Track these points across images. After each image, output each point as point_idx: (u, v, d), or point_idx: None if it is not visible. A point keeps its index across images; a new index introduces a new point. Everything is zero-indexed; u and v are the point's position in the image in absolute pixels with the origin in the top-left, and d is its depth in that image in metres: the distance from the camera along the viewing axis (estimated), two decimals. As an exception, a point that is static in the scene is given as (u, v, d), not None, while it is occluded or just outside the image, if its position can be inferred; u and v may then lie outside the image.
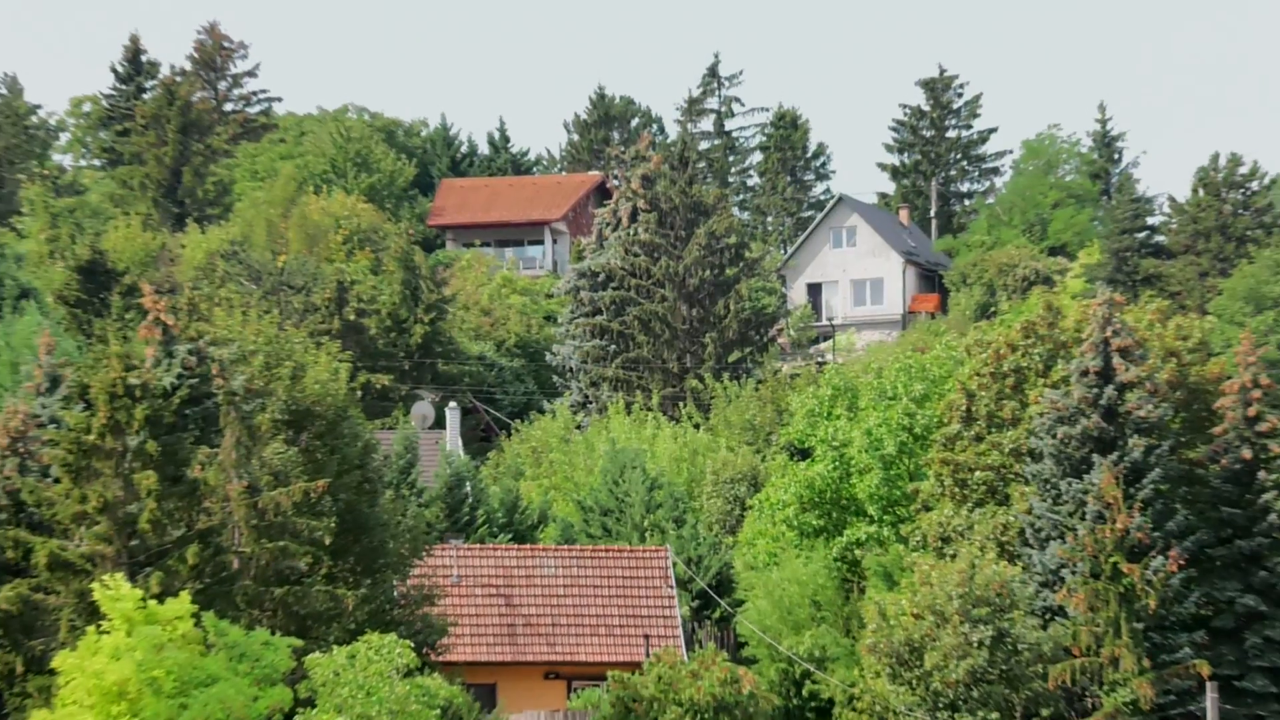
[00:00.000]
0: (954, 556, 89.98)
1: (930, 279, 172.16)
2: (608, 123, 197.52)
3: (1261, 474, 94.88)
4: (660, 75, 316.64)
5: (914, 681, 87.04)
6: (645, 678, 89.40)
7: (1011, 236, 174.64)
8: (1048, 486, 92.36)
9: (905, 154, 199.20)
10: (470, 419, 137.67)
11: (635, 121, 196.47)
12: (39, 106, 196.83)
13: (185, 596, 72.80)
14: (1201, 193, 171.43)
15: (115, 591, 72.11)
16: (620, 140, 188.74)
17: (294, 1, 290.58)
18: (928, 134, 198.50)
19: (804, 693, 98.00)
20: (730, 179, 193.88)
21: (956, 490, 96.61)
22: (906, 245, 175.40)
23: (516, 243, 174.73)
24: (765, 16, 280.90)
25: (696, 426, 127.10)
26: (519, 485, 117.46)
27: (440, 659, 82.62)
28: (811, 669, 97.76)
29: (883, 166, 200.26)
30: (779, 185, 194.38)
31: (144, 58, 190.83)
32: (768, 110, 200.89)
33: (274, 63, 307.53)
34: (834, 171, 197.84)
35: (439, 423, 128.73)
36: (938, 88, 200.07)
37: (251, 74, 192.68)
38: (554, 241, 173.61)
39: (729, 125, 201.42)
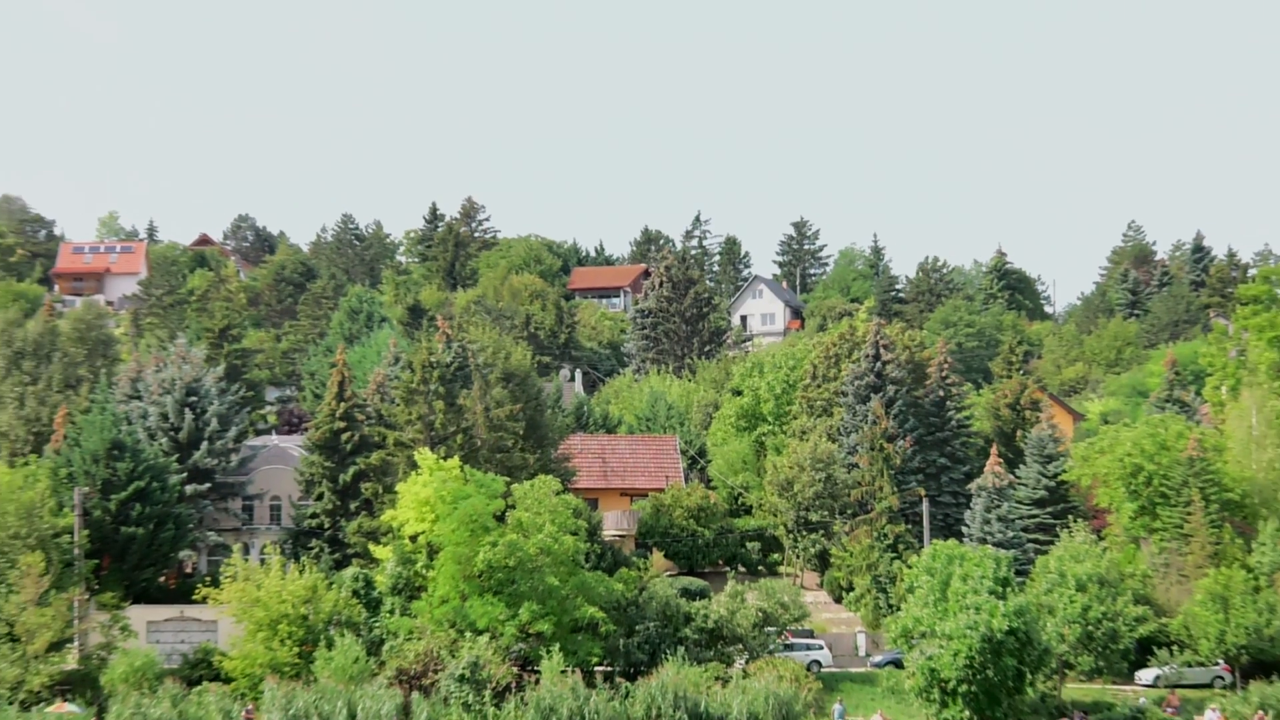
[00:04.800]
0: (807, 440, 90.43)
1: (798, 313, 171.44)
2: (649, 241, 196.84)
3: (949, 402, 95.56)
4: (674, 220, 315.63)
5: (789, 497, 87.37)
6: (666, 495, 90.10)
7: (833, 294, 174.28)
8: (851, 408, 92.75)
9: (785, 255, 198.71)
10: (587, 376, 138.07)
11: (662, 240, 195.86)
12: (389, 234, 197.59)
13: (456, 459, 73.55)
14: (921, 275, 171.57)
15: (424, 456, 72.89)
16: (655, 249, 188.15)
17: (502, 183, 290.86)
18: (795, 248, 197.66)
19: (739, 502, 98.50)
20: (705, 268, 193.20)
21: (809, 409, 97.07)
22: (786, 298, 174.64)
23: (607, 297, 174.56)
24: (725, 194, 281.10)
25: (690, 380, 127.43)
26: (609, 407, 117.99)
27: (571, 487, 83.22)
28: (742, 491, 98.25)
29: (775, 262, 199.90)
30: (726, 270, 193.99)
31: (438, 212, 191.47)
32: (722, 236, 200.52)
33: (496, 209, 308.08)
34: (753, 263, 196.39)
35: (573, 378, 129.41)
36: (801, 226, 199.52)
37: (487, 218, 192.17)
38: (625, 295, 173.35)
39: (705, 243, 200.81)
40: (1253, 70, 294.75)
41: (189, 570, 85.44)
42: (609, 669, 68.56)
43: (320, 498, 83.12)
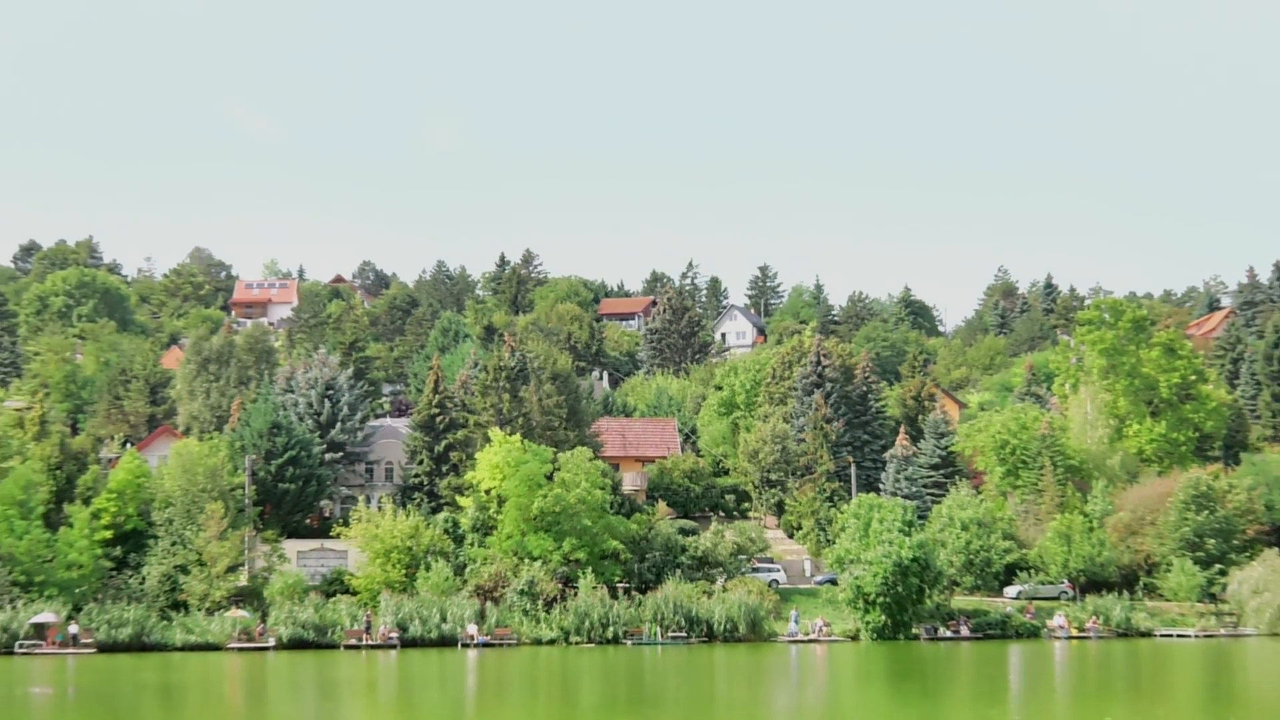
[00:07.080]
0: (769, 422, 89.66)
1: (762, 331, 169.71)
2: (656, 280, 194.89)
3: (870, 395, 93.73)
4: (673, 264, 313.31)
5: (756, 462, 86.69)
6: (667, 461, 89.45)
7: (787, 318, 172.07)
8: (800, 399, 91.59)
9: (753, 290, 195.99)
10: (612, 376, 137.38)
11: (665, 279, 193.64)
12: (471, 275, 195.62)
13: (518, 435, 73.29)
14: (850, 304, 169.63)
15: (495, 433, 72.55)
16: (660, 286, 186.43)
17: (553, 235, 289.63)
18: (761, 284, 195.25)
19: (720, 466, 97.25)
20: (695, 299, 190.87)
21: (770, 400, 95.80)
22: (754, 321, 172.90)
23: (626, 320, 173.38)
24: (712, 243, 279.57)
25: (685, 379, 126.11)
26: (627, 398, 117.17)
27: (600, 455, 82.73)
28: (722, 458, 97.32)
29: (746, 295, 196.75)
30: (711, 301, 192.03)
31: (505, 258, 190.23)
32: (708, 276, 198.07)
33: (548, 255, 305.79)
34: (729, 295, 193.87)
35: (601, 378, 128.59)
36: (764, 269, 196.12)
37: (540, 263, 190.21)
38: (639, 319, 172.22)
39: (696, 281, 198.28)
40: (1092, 150, 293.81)
41: (327, 514, 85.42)
42: (627, 585, 69.30)
43: (421, 463, 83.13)
